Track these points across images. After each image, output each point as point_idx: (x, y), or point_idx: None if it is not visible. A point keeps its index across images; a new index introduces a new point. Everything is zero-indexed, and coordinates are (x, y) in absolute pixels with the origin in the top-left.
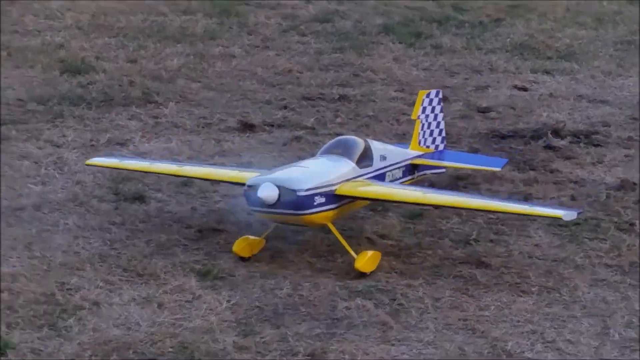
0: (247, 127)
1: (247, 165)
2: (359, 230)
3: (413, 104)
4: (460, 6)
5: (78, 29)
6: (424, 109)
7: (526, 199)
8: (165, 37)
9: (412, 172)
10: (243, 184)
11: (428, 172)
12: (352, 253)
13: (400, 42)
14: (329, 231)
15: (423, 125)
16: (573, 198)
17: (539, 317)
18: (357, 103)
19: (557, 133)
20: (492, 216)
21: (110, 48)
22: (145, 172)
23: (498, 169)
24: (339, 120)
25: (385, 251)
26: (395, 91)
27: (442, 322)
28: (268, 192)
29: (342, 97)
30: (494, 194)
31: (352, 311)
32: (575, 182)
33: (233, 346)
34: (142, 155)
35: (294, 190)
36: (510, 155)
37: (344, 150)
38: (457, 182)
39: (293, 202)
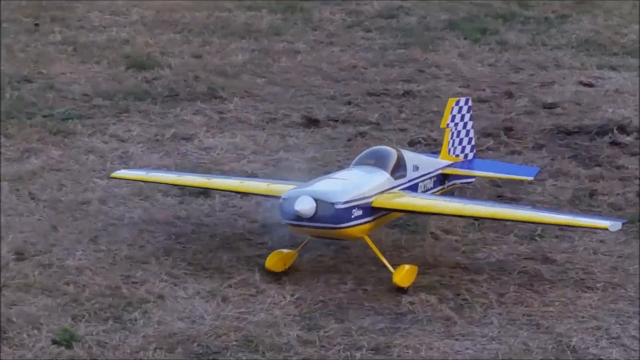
0: (311, 122)
1: (281, 177)
2: (423, 225)
3: (478, 100)
4: (525, 2)
5: (143, 24)
6: (453, 117)
7: (592, 195)
8: (230, 32)
9: (442, 181)
10: (277, 197)
11: (458, 181)
12: (390, 267)
13: (465, 38)
14: (392, 228)
15: (452, 134)
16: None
17: (604, 313)
18: (422, 99)
19: (622, 129)
20: None
21: (175, 44)
22: (173, 184)
23: (530, 178)
24: (403, 115)
25: (450, 247)
26: (460, 87)
27: (506, 318)
28: (305, 205)
29: (407, 93)
30: (536, 204)
31: (416, 306)
32: None
33: (297, 340)
34: (207, 150)
35: (332, 203)
36: (543, 164)
37: (377, 161)
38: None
39: (331, 215)
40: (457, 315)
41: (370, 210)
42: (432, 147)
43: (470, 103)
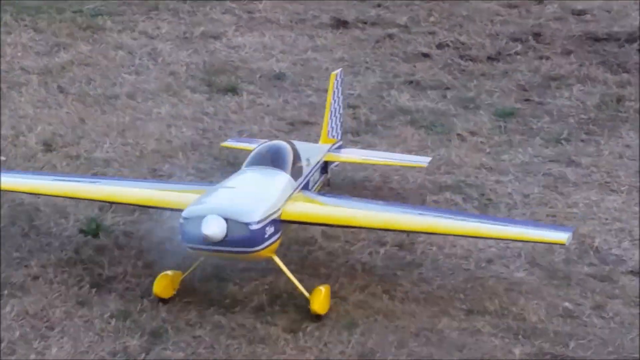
0: (340, 23)
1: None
2: (450, 127)
3: (508, 6)
4: None
5: None
6: (334, 93)
7: (619, 101)
8: None
9: (325, 169)
10: (177, 210)
11: (332, 166)
12: (305, 292)
13: None
14: (419, 128)
15: (332, 111)
16: None
17: (627, 216)
18: (451, 3)
19: None
20: (583, 116)
21: None
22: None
23: (424, 165)
24: (432, 19)
25: (476, 148)
26: None
27: (530, 218)
28: (214, 227)
29: None
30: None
31: (441, 205)
32: None
33: (322, 235)
34: (235, 48)
35: (246, 224)
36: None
37: (274, 160)
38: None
39: (244, 237)
40: (482, 214)
41: (279, 224)
42: (461, 50)
43: (343, 76)
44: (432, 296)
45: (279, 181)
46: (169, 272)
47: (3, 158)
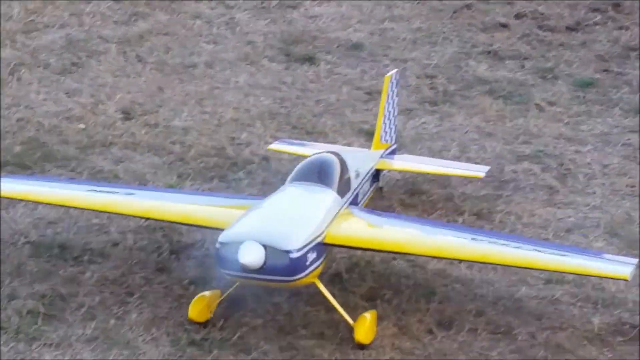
0: None
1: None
2: (528, 97)
3: None
4: None
5: None
6: (388, 95)
7: None
8: None
9: (377, 177)
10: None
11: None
12: (349, 319)
13: None
14: (497, 99)
15: (386, 115)
16: None
17: None
18: None
19: None
20: None
21: None
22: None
23: (482, 175)
24: None
25: (555, 118)
26: None
27: (609, 188)
28: (252, 256)
29: None
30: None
31: (519, 174)
32: None
33: (399, 203)
34: (312, 18)
35: (286, 252)
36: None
37: (320, 175)
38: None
39: (284, 266)
40: (560, 184)
41: (322, 248)
42: (539, 20)
43: (398, 77)
44: None
45: (324, 200)
46: (206, 294)
47: (82, 126)
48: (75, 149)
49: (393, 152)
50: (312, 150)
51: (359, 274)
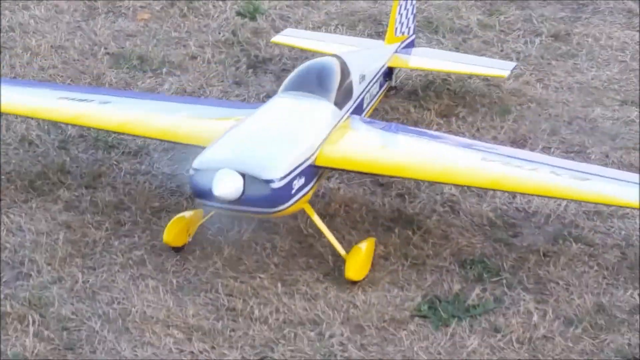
0: None
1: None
2: None
3: None
4: None
5: None
6: None
7: None
8: None
9: (388, 76)
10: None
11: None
12: (341, 250)
13: None
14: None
15: (402, 4)
16: None
17: None
18: None
19: None
20: None
21: None
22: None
23: (506, 74)
24: None
25: None
26: None
27: None
28: (228, 187)
29: None
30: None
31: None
32: None
33: (477, 23)
34: None
35: (267, 181)
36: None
37: (316, 84)
38: None
39: (265, 197)
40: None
41: (313, 171)
42: None
43: None
44: (586, 86)
45: (318, 113)
46: (186, 214)
47: None
48: None
49: (410, 45)
50: (318, 45)
51: (435, 92)
